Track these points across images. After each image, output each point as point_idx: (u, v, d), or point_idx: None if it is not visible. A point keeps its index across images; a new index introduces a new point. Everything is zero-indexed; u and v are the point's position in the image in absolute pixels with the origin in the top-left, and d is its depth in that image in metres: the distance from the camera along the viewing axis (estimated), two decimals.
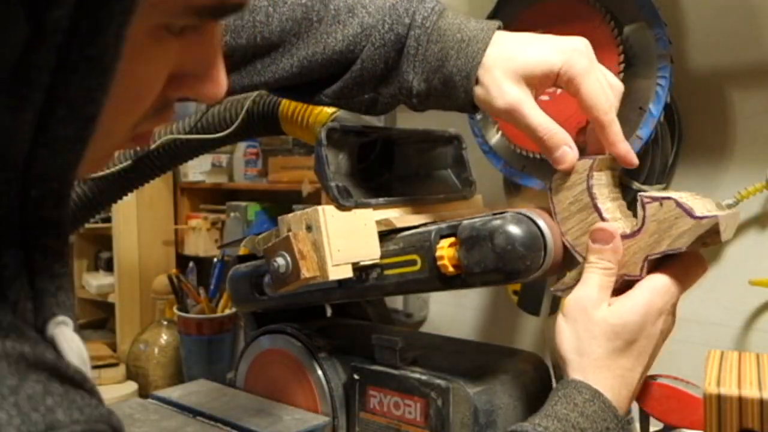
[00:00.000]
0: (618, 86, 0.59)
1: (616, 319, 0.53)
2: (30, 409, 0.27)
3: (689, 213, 0.51)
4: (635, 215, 0.55)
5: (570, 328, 0.55)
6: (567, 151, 0.57)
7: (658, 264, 0.55)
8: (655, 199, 0.53)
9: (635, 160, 0.57)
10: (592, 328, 0.53)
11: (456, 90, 0.59)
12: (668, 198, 0.53)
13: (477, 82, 0.58)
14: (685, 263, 0.55)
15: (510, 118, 0.58)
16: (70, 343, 0.31)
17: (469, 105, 0.60)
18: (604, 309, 0.54)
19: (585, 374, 0.53)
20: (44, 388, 0.28)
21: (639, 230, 0.54)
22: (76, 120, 0.30)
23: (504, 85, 0.57)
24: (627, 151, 0.57)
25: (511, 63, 0.57)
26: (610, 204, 0.57)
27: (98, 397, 0.30)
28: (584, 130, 0.61)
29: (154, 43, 0.33)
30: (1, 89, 0.28)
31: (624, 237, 0.55)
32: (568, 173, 0.58)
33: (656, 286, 0.54)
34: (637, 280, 0.54)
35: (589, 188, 0.56)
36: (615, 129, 0.56)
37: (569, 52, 0.56)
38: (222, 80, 0.37)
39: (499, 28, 0.60)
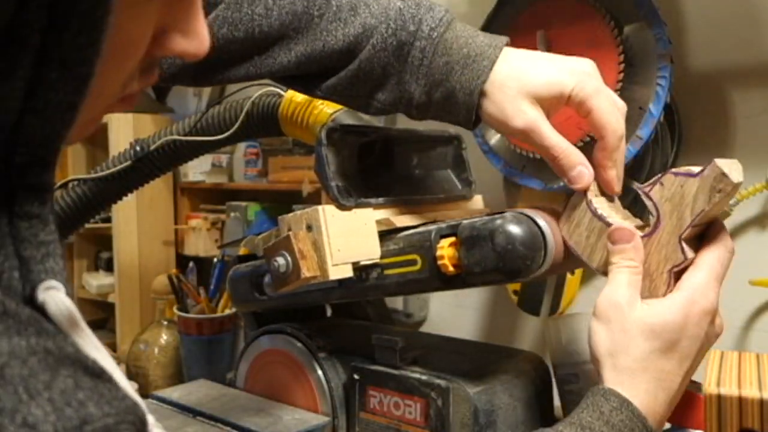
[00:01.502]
0: (623, 107, 0.59)
1: (654, 317, 0.50)
2: (64, 404, 0.27)
3: (689, 174, 0.51)
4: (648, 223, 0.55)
5: (604, 328, 0.52)
6: (583, 171, 0.57)
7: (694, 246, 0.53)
8: (652, 183, 0.54)
9: (617, 188, 0.58)
10: (629, 328, 0.51)
11: (457, 106, 0.59)
12: (663, 174, 0.53)
13: (486, 97, 0.58)
14: (714, 249, 0.52)
15: (526, 138, 0.58)
16: (61, 307, 0.30)
17: (469, 121, 0.60)
18: (641, 308, 0.51)
19: (620, 376, 0.51)
20: (75, 383, 0.28)
21: (658, 220, 0.53)
22: (69, 83, 0.29)
23: (521, 105, 0.57)
24: (612, 178, 0.57)
25: (523, 83, 0.57)
26: (621, 221, 0.56)
27: (117, 386, 0.30)
28: None
29: None
30: None
31: (650, 234, 0.54)
32: (570, 214, 0.58)
33: (694, 283, 0.51)
34: (687, 266, 0.52)
35: (594, 213, 0.56)
36: (618, 156, 0.56)
37: (579, 74, 0.56)
38: (205, 35, 0.37)
39: (507, 45, 0.59)
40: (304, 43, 0.62)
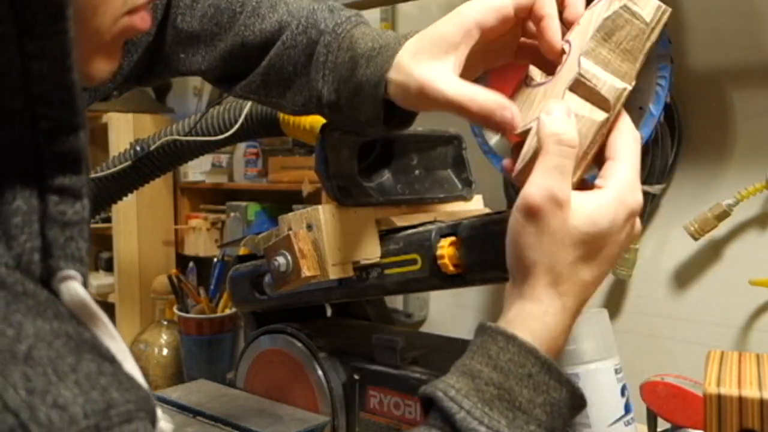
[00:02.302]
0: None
1: (584, 220, 0.43)
2: (89, 388, 0.27)
3: None
4: None
5: (536, 229, 0.44)
6: (506, 115, 0.47)
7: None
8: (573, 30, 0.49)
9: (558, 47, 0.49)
10: (562, 233, 0.43)
11: (365, 101, 0.54)
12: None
13: (390, 84, 0.52)
14: (626, 136, 0.47)
15: (425, 101, 0.50)
16: (75, 298, 0.30)
17: (378, 118, 0.55)
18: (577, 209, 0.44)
19: (548, 291, 0.44)
20: (98, 367, 0.28)
21: (565, 53, 0.48)
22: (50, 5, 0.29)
23: (412, 69, 0.50)
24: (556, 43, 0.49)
25: (417, 46, 0.51)
26: None
27: (130, 376, 0.30)
28: None
29: None
30: None
31: (555, 74, 0.49)
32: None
33: (622, 180, 0.45)
34: (579, 84, 0.46)
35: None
36: (550, 23, 0.48)
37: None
38: None
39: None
40: (226, 40, 0.61)
